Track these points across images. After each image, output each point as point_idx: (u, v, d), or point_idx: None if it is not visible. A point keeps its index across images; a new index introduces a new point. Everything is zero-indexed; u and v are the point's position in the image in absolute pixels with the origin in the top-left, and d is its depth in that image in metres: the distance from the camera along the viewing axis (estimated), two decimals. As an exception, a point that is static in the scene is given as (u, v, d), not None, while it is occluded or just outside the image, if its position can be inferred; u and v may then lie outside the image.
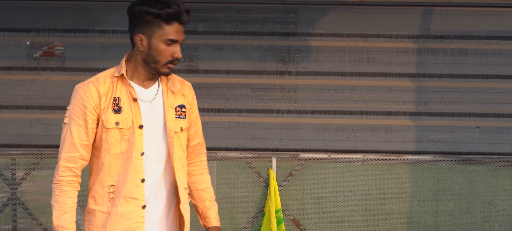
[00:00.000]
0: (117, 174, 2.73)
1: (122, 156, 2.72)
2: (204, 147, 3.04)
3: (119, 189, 2.73)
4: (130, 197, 2.73)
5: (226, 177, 4.90)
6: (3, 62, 4.83)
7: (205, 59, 4.85)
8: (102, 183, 2.74)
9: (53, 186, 2.73)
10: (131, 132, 2.73)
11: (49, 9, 4.80)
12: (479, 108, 4.90)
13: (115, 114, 2.72)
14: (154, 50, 2.72)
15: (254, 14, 4.83)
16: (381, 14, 4.84)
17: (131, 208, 2.73)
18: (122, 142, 2.72)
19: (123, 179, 2.72)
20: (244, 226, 4.92)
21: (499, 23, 4.85)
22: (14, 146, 4.87)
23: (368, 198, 4.93)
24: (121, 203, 2.73)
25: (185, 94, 2.91)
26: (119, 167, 2.73)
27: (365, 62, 4.88)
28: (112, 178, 2.73)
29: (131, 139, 2.72)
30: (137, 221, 2.74)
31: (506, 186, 4.93)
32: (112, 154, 2.72)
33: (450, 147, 4.91)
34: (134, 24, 2.73)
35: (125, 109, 2.74)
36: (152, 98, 2.81)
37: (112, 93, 2.74)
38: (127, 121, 2.73)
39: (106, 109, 2.72)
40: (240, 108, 4.88)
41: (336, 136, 4.90)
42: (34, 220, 4.90)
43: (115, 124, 2.71)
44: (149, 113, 2.79)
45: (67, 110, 2.74)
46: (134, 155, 2.72)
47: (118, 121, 2.72)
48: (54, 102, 4.84)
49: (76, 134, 2.70)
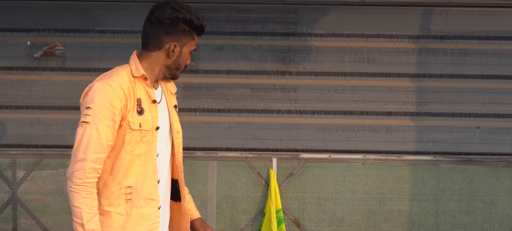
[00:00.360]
0: (135, 175, 2.72)
1: (141, 158, 2.72)
2: None
3: (138, 191, 2.73)
4: (149, 198, 2.75)
5: (226, 177, 4.90)
6: (4, 62, 4.83)
7: (205, 60, 4.85)
8: (119, 184, 2.71)
9: (78, 188, 2.62)
10: (150, 134, 2.74)
11: (50, 9, 4.80)
12: (480, 109, 4.89)
13: (139, 115, 2.72)
14: (182, 58, 2.81)
15: (254, 14, 4.83)
16: (381, 14, 4.84)
17: (150, 209, 2.75)
18: (142, 143, 2.72)
19: (142, 181, 2.73)
20: (245, 226, 4.93)
21: (500, 23, 4.85)
22: (15, 146, 4.87)
23: (369, 198, 4.93)
24: (141, 205, 2.73)
25: (174, 93, 2.99)
26: (137, 168, 2.72)
27: (366, 63, 4.88)
28: (130, 179, 2.71)
29: (150, 141, 2.74)
30: (154, 222, 2.76)
31: (507, 187, 4.93)
32: (133, 155, 2.71)
33: (450, 147, 4.91)
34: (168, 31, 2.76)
35: (146, 111, 2.75)
36: (160, 99, 2.85)
37: (134, 94, 2.73)
38: (148, 122, 2.74)
39: (132, 111, 2.71)
40: (241, 109, 4.88)
41: (336, 136, 4.90)
42: (35, 220, 4.90)
43: (138, 126, 2.71)
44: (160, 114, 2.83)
45: (88, 109, 2.66)
46: (152, 157, 2.75)
47: (141, 123, 2.72)
48: (54, 102, 4.84)
49: (104, 135, 2.65)
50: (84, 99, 2.71)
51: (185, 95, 4.83)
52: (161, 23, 2.74)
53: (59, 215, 4.92)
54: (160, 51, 2.78)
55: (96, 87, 2.68)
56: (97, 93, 2.66)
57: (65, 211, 4.90)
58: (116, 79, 2.69)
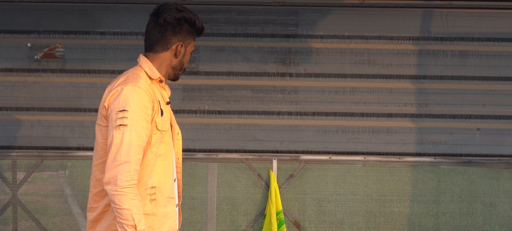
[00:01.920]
0: (158, 175, 2.78)
1: (161, 158, 2.80)
2: None
3: (162, 190, 2.80)
4: (170, 197, 2.84)
5: (226, 178, 4.90)
6: (4, 64, 4.84)
7: (205, 61, 4.85)
8: (145, 185, 2.74)
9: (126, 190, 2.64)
10: (168, 134, 2.83)
11: (50, 11, 4.80)
12: (480, 110, 4.89)
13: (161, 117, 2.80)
14: (185, 58, 2.88)
15: (254, 16, 4.83)
16: (381, 16, 4.84)
17: (171, 208, 2.84)
18: (162, 144, 2.79)
19: (164, 180, 2.81)
20: (245, 228, 4.92)
21: (500, 25, 4.85)
22: (15, 147, 4.87)
23: (369, 199, 4.93)
24: (165, 204, 2.81)
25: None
26: (159, 169, 2.79)
27: (366, 64, 4.88)
28: (153, 180, 2.77)
29: (168, 141, 2.82)
30: (174, 220, 2.86)
31: (507, 188, 4.92)
32: (155, 155, 2.77)
33: (450, 148, 4.91)
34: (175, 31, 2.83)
35: (165, 112, 2.83)
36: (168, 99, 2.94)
37: (154, 97, 2.78)
38: (166, 123, 2.82)
39: (158, 112, 2.77)
40: (241, 110, 4.88)
41: (336, 137, 4.90)
42: (35, 222, 4.90)
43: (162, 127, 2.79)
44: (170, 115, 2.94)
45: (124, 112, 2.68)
46: (171, 156, 2.84)
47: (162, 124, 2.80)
48: (54, 104, 4.84)
49: (141, 137, 2.69)
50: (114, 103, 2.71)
51: (185, 97, 4.83)
52: (169, 24, 2.81)
53: (60, 217, 4.92)
54: (167, 52, 2.84)
55: (127, 90, 2.70)
56: (130, 96, 2.69)
57: (65, 213, 4.90)
58: (143, 82, 2.75)
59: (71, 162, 4.87)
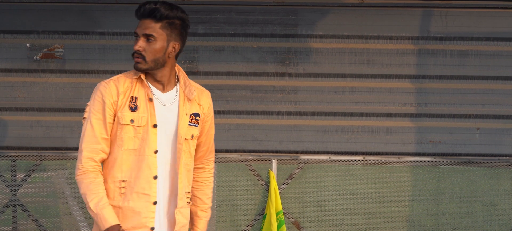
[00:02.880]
0: (129, 170, 2.81)
1: (135, 153, 2.81)
2: (212, 154, 3.09)
3: (131, 185, 2.81)
4: (142, 193, 2.81)
5: (226, 178, 4.90)
6: (4, 64, 4.84)
7: (205, 61, 4.85)
8: (114, 178, 2.82)
9: (80, 177, 2.79)
10: (145, 130, 2.82)
11: (49, 11, 4.80)
12: (479, 110, 4.89)
13: (131, 112, 2.82)
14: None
15: (253, 16, 4.83)
16: (380, 16, 4.84)
17: (142, 204, 2.81)
18: (136, 139, 2.81)
19: (136, 175, 2.81)
20: (245, 228, 4.92)
21: (499, 24, 4.85)
22: (15, 148, 4.87)
23: (369, 199, 4.93)
24: (133, 198, 2.81)
25: (202, 104, 2.97)
26: (131, 163, 2.81)
27: (365, 64, 4.88)
28: (124, 174, 2.81)
29: (144, 137, 2.81)
30: (147, 217, 2.81)
31: (507, 188, 4.92)
32: (124, 150, 2.81)
33: (450, 148, 4.91)
34: None
35: (141, 108, 2.83)
36: (170, 102, 2.90)
37: (130, 93, 2.83)
38: (142, 119, 2.82)
39: (123, 107, 2.81)
40: (240, 110, 4.88)
41: (336, 137, 4.90)
42: (35, 222, 4.90)
43: (130, 121, 2.81)
44: (164, 115, 2.88)
45: (87, 106, 2.85)
46: (147, 153, 2.81)
47: (133, 119, 2.82)
48: (54, 104, 4.84)
49: (97, 127, 2.81)
50: None
51: (185, 97, 4.83)
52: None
53: (59, 217, 4.91)
54: None
55: (96, 86, 2.86)
56: (94, 91, 2.86)
57: (65, 213, 4.90)
58: (114, 79, 2.86)
59: (71, 162, 4.87)
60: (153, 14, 2.81)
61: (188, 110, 2.91)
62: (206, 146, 3.04)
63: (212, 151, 3.08)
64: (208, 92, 3.02)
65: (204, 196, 3.06)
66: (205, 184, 3.07)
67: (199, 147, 3.01)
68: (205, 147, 3.04)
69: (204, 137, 3.01)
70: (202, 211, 3.07)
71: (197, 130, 2.94)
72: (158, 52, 2.82)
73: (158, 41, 2.82)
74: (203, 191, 3.06)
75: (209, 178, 3.08)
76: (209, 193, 3.08)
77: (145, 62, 2.82)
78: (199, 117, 2.95)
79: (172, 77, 2.92)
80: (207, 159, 3.07)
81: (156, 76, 2.87)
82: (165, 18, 2.81)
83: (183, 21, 2.86)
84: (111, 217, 2.75)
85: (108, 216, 2.74)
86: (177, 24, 2.85)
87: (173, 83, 2.92)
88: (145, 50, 2.81)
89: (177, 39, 2.86)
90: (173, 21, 2.83)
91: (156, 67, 2.85)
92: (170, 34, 2.84)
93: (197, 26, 4.80)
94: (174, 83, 2.93)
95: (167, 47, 2.84)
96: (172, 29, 2.84)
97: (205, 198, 3.07)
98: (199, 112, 2.95)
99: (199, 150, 3.02)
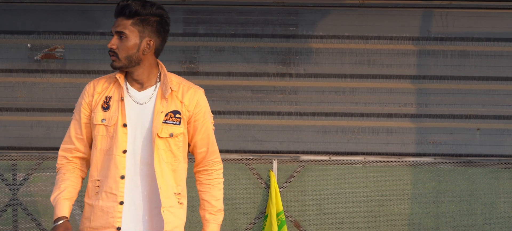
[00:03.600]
0: (103, 169, 2.83)
1: (106, 152, 2.83)
2: (214, 155, 3.01)
3: (102, 184, 2.83)
4: (110, 192, 2.81)
5: (226, 179, 4.86)
6: (4, 65, 4.84)
7: (205, 62, 4.85)
8: (91, 177, 2.86)
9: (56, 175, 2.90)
10: (114, 130, 2.81)
11: (50, 11, 4.81)
12: (480, 110, 4.89)
13: (104, 111, 2.83)
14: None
15: (254, 16, 4.83)
16: (381, 16, 4.84)
17: (110, 203, 2.81)
18: (107, 138, 2.82)
19: (106, 175, 2.82)
20: (245, 228, 4.92)
21: (499, 25, 4.85)
22: (15, 148, 4.87)
23: (369, 200, 4.93)
24: (103, 198, 2.82)
25: (184, 101, 2.89)
26: (103, 163, 2.83)
27: (366, 64, 4.88)
28: (98, 173, 2.84)
29: (113, 136, 2.81)
30: (114, 217, 2.80)
31: (507, 188, 4.92)
32: (98, 149, 2.84)
33: (450, 149, 4.91)
34: None
35: (113, 108, 2.83)
36: (146, 101, 2.85)
37: (106, 92, 2.85)
38: (112, 118, 2.82)
39: (96, 107, 2.85)
40: (241, 111, 4.88)
41: (336, 138, 4.90)
42: (35, 222, 4.90)
43: (101, 121, 2.83)
44: (137, 115, 2.84)
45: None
46: (115, 152, 2.80)
47: (105, 118, 2.83)
48: (54, 104, 4.85)
49: (72, 128, 2.89)
50: None
51: (185, 97, 4.84)
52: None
53: (60, 217, 4.91)
54: None
55: None
56: None
57: (65, 213, 4.90)
58: (97, 79, 2.90)
59: (71, 162, 4.87)
60: (123, 12, 2.80)
61: (165, 108, 2.84)
62: (204, 147, 2.96)
63: (214, 151, 3.01)
64: (199, 91, 2.94)
65: (212, 199, 2.99)
66: (212, 186, 3.00)
67: (195, 148, 2.95)
68: (204, 148, 2.96)
69: (199, 137, 2.94)
70: (210, 214, 2.99)
71: (180, 128, 2.86)
72: (131, 49, 2.79)
73: (130, 38, 2.79)
74: (210, 193, 2.99)
75: (216, 180, 3.02)
76: (217, 195, 3.01)
77: (119, 59, 2.80)
78: (180, 115, 2.86)
79: (152, 75, 2.86)
80: (210, 160, 3.00)
81: (133, 74, 2.84)
82: (136, 15, 2.78)
83: (160, 17, 2.82)
84: (61, 210, 2.79)
85: (58, 210, 2.79)
86: (152, 21, 2.81)
87: (153, 81, 2.87)
88: (118, 47, 2.79)
89: (151, 36, 2.81)
90: (145, 18, 2.79)
91: (131, 64, 2.81)
92: (143, 31, 2.79)
93: (197, 27, 4.81)
94: (155, 82, 2.87)
95: (140, 44, 2.79)
96: (144, 26, 2.79)
97: (213, 200, 2.99)
98: (179, 110, 2.87)
99: (197, 151, 2.96)
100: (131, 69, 2.83)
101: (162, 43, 2.87)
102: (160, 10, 2.83)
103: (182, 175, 2.92)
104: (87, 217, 2.85)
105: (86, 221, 2.86)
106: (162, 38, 2.86)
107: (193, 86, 2.94)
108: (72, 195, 2.85)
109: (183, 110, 2.88)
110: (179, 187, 2.90)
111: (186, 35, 4.84)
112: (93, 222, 2.83)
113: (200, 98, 2.93)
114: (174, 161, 2.88)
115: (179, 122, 2.86)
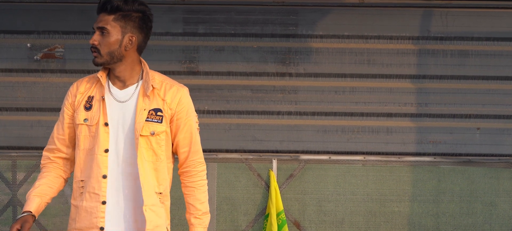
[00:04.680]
0: (86, 169, 2.82)
1: (88, 152, 2.81)
2: (197, 155, 2.92)
3: (86, 185, 2.81)
4: (93, 193, 2.79)
5: (226, 178, 4.90)
6: (4, 64, 4.84)
7: (205, 61, 4.85)
8: (75, 178, 2.85)
9: None
10: (96, 129, 2.80)
11: (50, 11, 4.81)
12: (480, 110, 4.89)
13: (86, 111, 2.82)
14: None
15: (254, 15, 4.83)
16: (381, 16, 4.84)
17: (93, 203, 2.79)
18: (90, 138, 2.81)
19: (89, 175, 2.80)
20: (245, 227, 4.92)
21: (499, 24, 4.85)
22: (15, 148, 4.87)
23: (369, 199, 4.93)
24: (86, 198, 2.80)
25: (166, 99, 2.85)
26: (87, 163, 2.81)
27: (366, 64, 4.88)
28: (82, 174, 2.83)
29: (95, 136, 2.79)
30: (97, 217, 2.78)
31: (507, 188, 4.92)
32: (81, 149, 2.82)
33: (450, 148, 4.91)
34: None
35: (94, 107, 2.81)
36: (127, 99, 2.82)
37: (89, 92, 2.85)
38: (94, 118, 2.81)
39: (79, 106, 2.84)
40: (241, 110, 4.89)
41: (336, 137, 4.90)
42: (35, 222, 4.89)
43: (83, 121, 2.82)
44: (119, 113, 2.81)
45: None
46: (97, 151, 2.78)
47: (87, 118, 2.82)
48: (54, 104, 4.85)
49: (55, 128, 2.90)
50: None
51: (185, 97, 4.84)
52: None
53: (59, 217, 4.92)
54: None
55: None
56: None
57: (65, 213, 4.90)
58: (81, 79, 2.92)
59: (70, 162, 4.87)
60: (105, 7, 2.78)
61: (148, 105, 2.81)
62: (186, 147, 2.89)
63: (197, 151, 2.92)
64: (182, 89, 2.88)
65: (196, 202, 2.89)
66: (196, 189, 2.90)
67: (178, 147, 2.89)
68: (186, 148, 2.89)
69: (181, 136, 2.87)
70: (195, 218, 2.90)
71: (161, 126, 2.82)
72: (113, 45, 2.77)
73: (111, 34, 2.77)
74: (194, 196, 2.90)
75: (199, 182, 2.92)
76: (202, 198, 2.91)
77: (101, 55, 2.78)
78: (161, 113, 2.82)
79: (135, 72, 2.83)
80: (193, 160, 2.91)
81: (115, 71, 2.81)
82: (118, 10, 2.76)
83: (142, 13, 2.80)
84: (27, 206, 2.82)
85: (26, 205, 2.83)
86: (134, 17, 2.78)
87: (136, 79, 2.84)
88: (100, 43, 2.77)
89: (133, 32, 2.78)
90: (127, 13, 2.77)
91: (113, 61, 2.79)
92: (125, 26, 2.77)
93: (197, 26, 4.81)
94: (137, 79, 2.84)
95: (123, 40, 2.77)
96: (126, 22, 2.77)
97: (197, 204, 2.89)
98: (161, 108, 2.82)
99: (180, 151, 2.89)
100: (113, 66, 2.81)
101: (145, 39, 2.84)
102: (142, 6, 2.80)
103: (164, 175, 2.86)
104: (72, 218, 2.85)
105: (72, 222, 2.85)
106: (145, 34, 2.83)
107: (176, 84, 2.89)
108: (44, 193, 2.86)
109: (165, 108, 2.84)
110: (161, 186, 2.85)
111: (185, 34, 4.84)
112: (78, 223, 2.81)
113: (183, 96, 2.88)
114: (156, 160, 2.83)
115: (161, 120, 2.82)
